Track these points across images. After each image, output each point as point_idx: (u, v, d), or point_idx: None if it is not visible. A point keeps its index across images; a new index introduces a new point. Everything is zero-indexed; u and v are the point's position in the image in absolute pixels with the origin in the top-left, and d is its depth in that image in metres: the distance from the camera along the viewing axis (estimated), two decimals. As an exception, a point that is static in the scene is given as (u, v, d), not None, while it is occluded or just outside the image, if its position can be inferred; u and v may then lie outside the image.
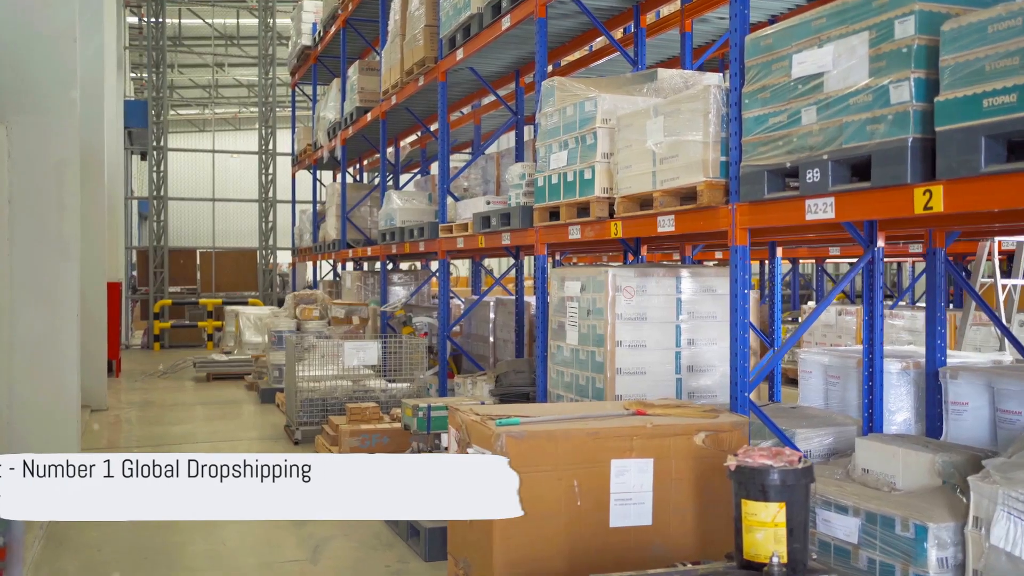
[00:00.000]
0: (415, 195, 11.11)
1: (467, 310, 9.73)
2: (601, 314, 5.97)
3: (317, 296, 11.99)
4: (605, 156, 5.97)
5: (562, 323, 6.56)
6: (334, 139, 14.36)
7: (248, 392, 12.32)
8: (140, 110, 20.08)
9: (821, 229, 5.33)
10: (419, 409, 6.49)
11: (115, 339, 13.57)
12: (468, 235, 8.56)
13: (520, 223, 7.19)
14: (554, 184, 6.53)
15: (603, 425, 4.05)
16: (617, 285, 5.95)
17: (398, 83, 10.72)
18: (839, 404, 5.62)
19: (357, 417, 7.42)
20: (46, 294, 6.38)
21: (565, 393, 6.49)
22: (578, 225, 6.32)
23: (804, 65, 4.10)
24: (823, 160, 3.96)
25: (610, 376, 5.94)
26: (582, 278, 6.26)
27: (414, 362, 9.27)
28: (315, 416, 8.40)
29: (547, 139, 6.62)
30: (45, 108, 6.32)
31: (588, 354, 6.14)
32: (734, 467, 3.31)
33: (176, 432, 9.45)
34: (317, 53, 16.09)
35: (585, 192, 6.09)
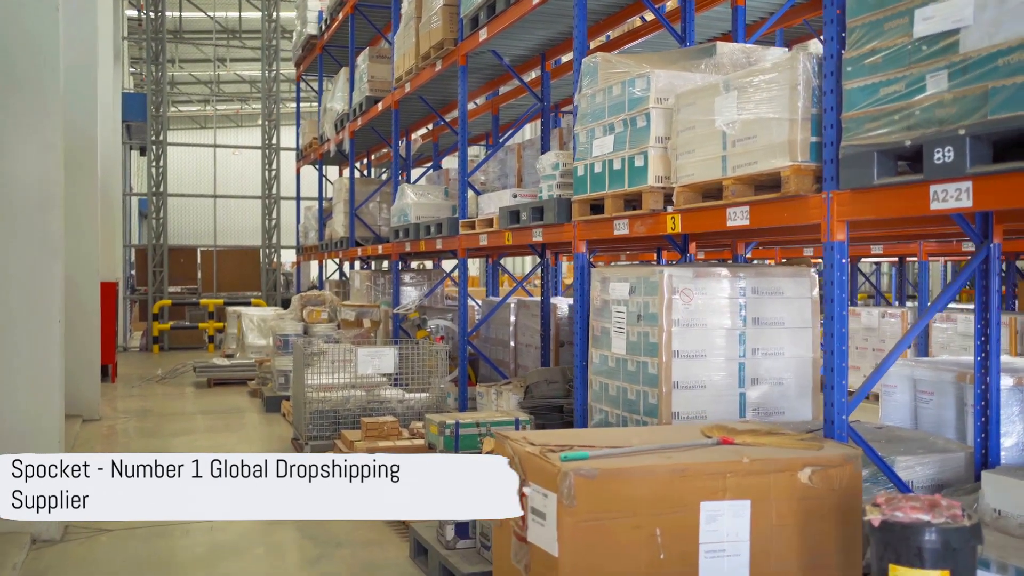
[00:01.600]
0: (430, 189, 10.38)
1: (490, 312, 9.01)
2: (655, 320, 5.25)
3: (325, 297, 11.26)
4: (660, 140, 5.25)
5: (606, 329, 5.84)
6: (342, 131, 13.65)
7: (251, 399, 11.60)
8: (139, 103, 19.36)
9: (920, 223, 4.60)
10: (446, 427, 5.77)
11: (110, 342, 12.85)
12: (493, 231, 7.83)
13: (556, 217, 6.46)
14: (597, 173, 5.81)
15: (689, 460, 3.32)
16: (674, 287, 5.23)
17: (412, 69, 10.00)
18: (933, 425, 4.89)
19: (374, 433, 6.69)
20: (24, 293, 5.65)
21: (609, 408, 5.77)
22: (626, 219, 5.59)
23: (931, 21, 3.37)
24: (958, 136, 3.23)
25: (665, 391, 5.22)
26: (631, 279, 5.54)
27: (430, 368, 8.55)
28: (325, 430, 7.68)
29: (589, 122, 5.90)
30: (21, 85, 5.59)
31: (638, 365, 5.42)
32: (878, 522, 2.58)
33: (175, 445, 8.71)
34: (323, 42, 15.39)
35: (636, 181, 5.37)
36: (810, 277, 5.41)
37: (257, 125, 24.11)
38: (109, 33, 16.11)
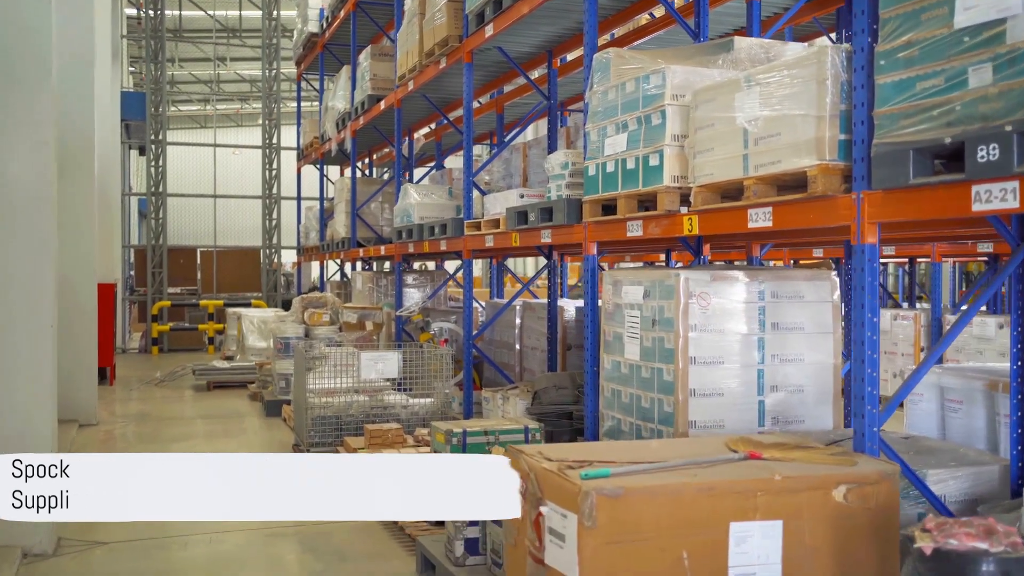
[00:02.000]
0: (434, 189, 10.18)
1: (495, 315, 8.81)
2: (670, 325, 5.06)
3: (327, 299, 11.05)
4: (676, 138, 5.05)
5: (618, 334, 5.64)
6: (343, 130, 13.45)
7: (251, 403, 11.40)
8: (138, 102, 19.15)
9: (951, 225, 4.40)
10: (453, 435, 5.57)
11: (108, 344, 12.65)
12: (499, 232, 7.64)
13: (565, 218, 6.26)
14: (609, 173, 5.61)
15: (717, 477, 3.12)
16: (690, 291, 5.04)
17: (416, 67, 9.80)
18: (963, 435, 4.69)
19: (378, 440, 6.49)
20: (14, 294, 5.45)
21: (622, 416, 5.57)
22: (640, 220, 5.39)
23: (974, 11, 3.17)
24: (1005, 132, 3.03)
25: (681, 399, 5.03)
26: (645, 282, 5.34)
27: (434, 372, 8.36)
28: (328, 436, 7.48)
29: (600, 120, 5.70)
30: (13, 81, 5.38)
31: (653, 372, 5.23)
32: (930, 551, 2.38)
33: (174, 451, 8.50)
34: (325, 40, 15.19)
35: (651, 181, 5.17)
36: (830, 280, 5.22)
37: (257, 125, 23.90)
38: (107, 31, 15.92)
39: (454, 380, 8.67)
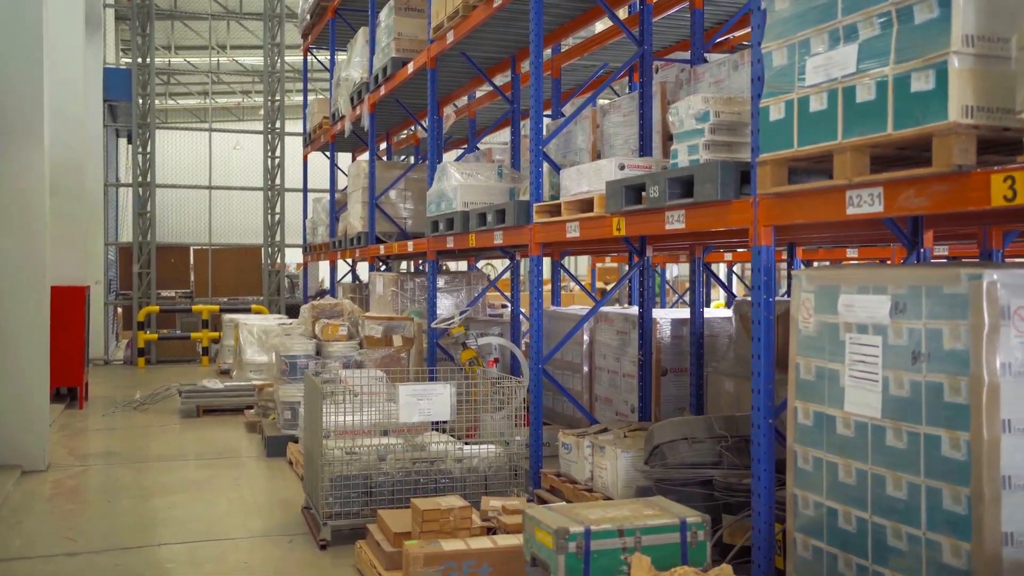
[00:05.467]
0: (480, 168, 8.03)
1: (573, 329, 6.62)
2: (958, 362, 2.97)
3: (343, 307, 8.89)
4: (970, 41, 2.95)
5: (832, 373, 3.54)
6: (359, 105, 11.32)
7: (249, 436, 9.24)
8: (124, 80, 16.97)
9: None
10: (567, 537, 3.43)
11: (77, 359, 10.50)
12: (590, 217, 5.50)
13: (718, 191, 4.13)
14: (814, 113, 3.50)
15: None
16: (1001, 304, 2.94)
17: (458, 11, 7.68)
18: None
19: (433, 525, 4.35)
20: None
21: (840, 505, 3.46)
22: (880, 187, 3.26)
23: None
24: None
25: (988, 494, 2.91)
26: (894, 289, 3.24)
27: (497, 408, 6.23)
28: (352, 503, 5.33)
29: (795, 32, 3.61)
30: None
31: (919, 440, 3.12)
32: None
33: (140, 518, 6.27)
34: (335, 5, 13.07)
35: (913, 118, 3.07)
36: None
37: (259, 118, 21.73)
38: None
39: (501, 413, 6.51)
